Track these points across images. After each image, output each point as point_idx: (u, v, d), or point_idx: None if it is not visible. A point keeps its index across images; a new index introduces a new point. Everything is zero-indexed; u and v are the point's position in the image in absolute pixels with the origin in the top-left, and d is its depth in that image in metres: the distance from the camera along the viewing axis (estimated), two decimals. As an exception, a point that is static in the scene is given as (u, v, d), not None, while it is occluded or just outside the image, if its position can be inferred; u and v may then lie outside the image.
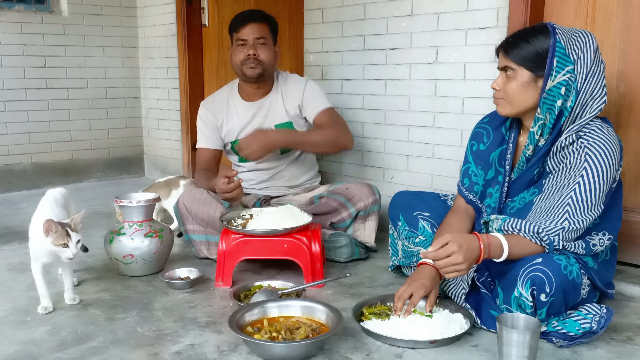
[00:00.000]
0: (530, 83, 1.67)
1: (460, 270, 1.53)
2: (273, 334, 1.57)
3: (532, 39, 1.65)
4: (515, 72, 1.68)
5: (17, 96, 3.82)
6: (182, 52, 3.89)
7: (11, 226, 2.97)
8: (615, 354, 1.57)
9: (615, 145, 1.63)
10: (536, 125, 1.69)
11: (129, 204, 2.17)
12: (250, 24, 2.46)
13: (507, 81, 1.70)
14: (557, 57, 1.62)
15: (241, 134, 2.56)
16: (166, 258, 2.26)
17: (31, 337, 1.67)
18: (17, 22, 3.75)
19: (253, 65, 2.45)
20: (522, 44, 1.66)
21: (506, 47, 1.70)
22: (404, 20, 2.65)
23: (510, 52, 1.68)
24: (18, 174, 3.87)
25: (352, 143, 2.50)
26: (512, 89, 1.69)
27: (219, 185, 2.23)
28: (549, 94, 1.64)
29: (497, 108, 1.77)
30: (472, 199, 1.89)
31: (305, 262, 2.06)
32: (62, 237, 1.77)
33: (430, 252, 1.56)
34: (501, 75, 1.73)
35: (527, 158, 1.75)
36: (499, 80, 1.73)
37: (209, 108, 2.61)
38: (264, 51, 2.46)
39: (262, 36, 2.46)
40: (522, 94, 1.68)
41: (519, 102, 1.70)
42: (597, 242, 1.69)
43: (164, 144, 4.28)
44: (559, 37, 1.63)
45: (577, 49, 1.63)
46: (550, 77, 1.63)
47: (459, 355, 1.56)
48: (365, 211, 2.40)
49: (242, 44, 2.47)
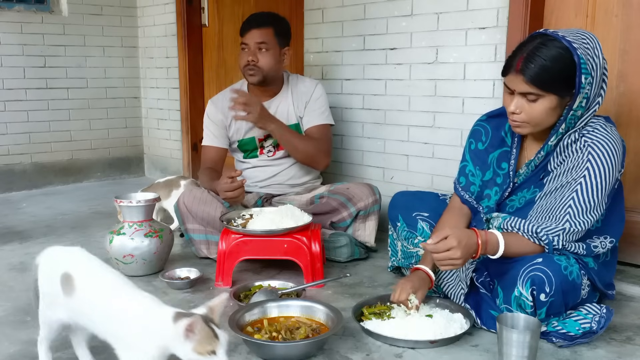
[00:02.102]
0: (557, 106, 1.60)
1: (455, 264, 1.56)
2: (273, 334, 1.57)
3: (553, 63, 1.55)
4: (540, 97, 1.59)
5: (17, 96, 3.82)
6: (182, 52, 3.89)
7: (11, 226, 2.97)
8: (615, 354, 1.57)
9: (618, 145, 1.62)
10: (555, 138, 1.66)
11: (129, 204, 2.17)
12: (253, 29, 2.47)
13: (529, 105, 1.61)
14: (584, 76, 1.56)
15: (248, 134, 2.59)
16: (166, 258, 2.26)
17: (31, 337, 1.67)
18: (17, 22, 3.75)
19: (252, 72, 2.48)
20: (545, 71, 1.55)
21: (528, 73, 1.56)
22: (404, 20, 2.65)
23: (535, 80, 1.56)
24: (18, 174, 3.87)
25: (324, 166, 2.58)
26: (538, 113, 1.61)
27: (221, 185, 2.22)
28: (575, 110, 1.61)
29: (517, 129, 1.69)
30: (468, 199, 1.89)
31: (305, 262, 2.06)
32: (210, 341, 1.18)
33: (430, 244, 1.57)
34: (517, 98, 1.62)
35: (536, 165, 1.74)
36: (519, 104, 1.62)
37: (218, 106, 2.61)
38: (265, 57, 2.47)
39: (263, 41, 2.47)
40: (549, 117, 1.62)
41: (544, 124, 1.64)
42: (598, 244, 1.69)
43: (164, 144, 4.28)
44: (580, 51, 1.55)
45: (591, 59, 1.57)
46: (579, 95, 1.58)
47: (459, 355, 1.56)
48: (366, 211, 2.40)
49: (244, 49, 2.50)
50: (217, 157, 2.60)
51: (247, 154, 2.65)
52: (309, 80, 2.66)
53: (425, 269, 1.78)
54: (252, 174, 2.62)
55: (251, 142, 2.61)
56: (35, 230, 2.89)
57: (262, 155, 2.63)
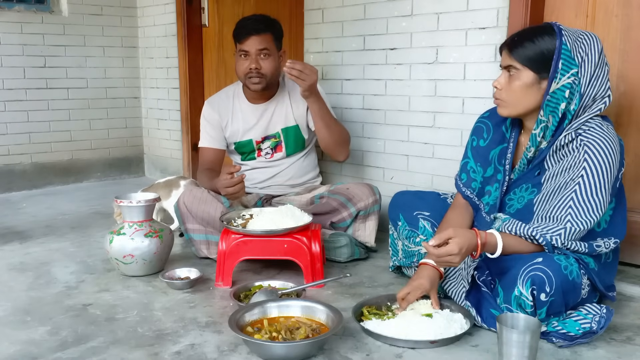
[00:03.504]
0: (533, 84, 1.64)
1: (452, 265, 1.60)
2: (273, 334, 1.57)
3: (537, 39, 1.62)
4: (518, 72, 1.65)
5: (17, 96, 3.81)
6: (182, 52, 3.89)
7: (11, 226, 2.97)
8: (615, 354, 1.57)
9: (614, 143, 1.62)
10: (538, 127, 1.67)
11: (129, 204, 2.17)
12: (253, 36, 2.42)
13: (509, 81, 1.68)
14: (563, 60, 1.59)
15: (245, 136, 2.58)
16: (166, 258, 2.26)
17: (31, 337, 1.67)
18: (17, 22, 3.75)
19: (256, 81, 2.45)
20: (527, 44, 1.63)
21: (511, 45, 1.66)
22: (404, 20, 2.65)
23: (514, 51, 1.64)
24: (18, 174, 3.87)
25: (346, 156, 2.55)
26: (515, 89, 1.66)
27: (221, 181, 2.22)
28: (552, 96, 1.63)
29: (498, 109, 1.74)
30: (469, 195, 1.90)
31: (305, 262, 2.06)
32: None
33: (431, 246, 1.57)
34: (503, 74, 1.70)
35: (529, 160, 1.75)
36: (501, 80, 1.70)
37: (215, 107, 2.60)
38: (267, 63, 2.44)
39: (265, 47, 2.43)
40: (525, 95, 1.66)
41: (520, 103, 1.68)
42: (602, 244, 1.69)
43: (164, 144, 4.28)
44: (565, 39, 1.60)
45: (582, 51, 1.60)
46: (555, 79, 1.61)
47: (459, 355, 1.56)
48: (366, 211, 2.40)
49: (243, 56, 2.45)
50: (214, 158, 2.60)
51: (244, 156, 2.64)
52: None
53: (431, 262, 1.77)
54: (250, 175, 2.62)
55: (248, 145, 2.61)
56: (35, 230, 2.89)
57: (260, 157, 2.63)
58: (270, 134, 2.60)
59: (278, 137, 2.61)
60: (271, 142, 2.58)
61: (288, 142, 2.62)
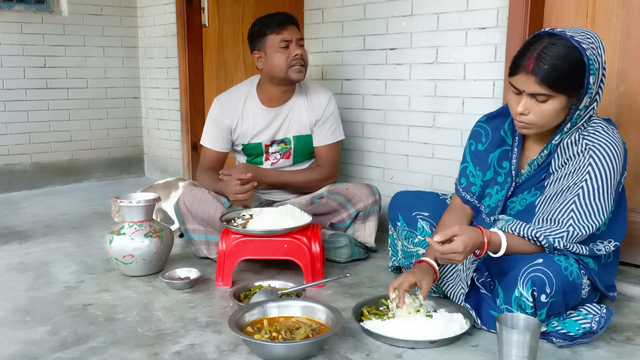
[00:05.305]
0: (565, 106, 1.60)
1: (454, 262, 1.60)
2: (273, 334, 1.57)
3: (565, 64, 1.54)
4: (550, 97, 1.58)
5: (17, 96, 3.82)
6: (182, 52, 3.89)
7: (11, 226, 2.97)
8: (615, 354, 1.57)
9: (619, 148, 1.62)
10: (557, 135, 1.66)
11: (129, 204, 2.17)
12: (291, 25, 2.40)
13: (538, 106, 1.60)
14: (592, 77, 1.56)
15: (255, 139, 2.52)
16: (166, 258, 2.26)
17: (31, 337, 1.67)
18: (17, 22, 3.75)
19: (301, 69, 2.39)
20: (557, 72, 1.54)
21: (540, 74, 1.54)
22: (404, 20, 2.65)
23: (546, 81, 1.54)
24: (18, 174, 3.87)
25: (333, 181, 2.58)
26: (546, 113, 1.60)
27: (231, 187, 2.21)
28: (580, 110, 1.61)
29: (522, 130, 1.68)
30: (470, 199, 1.89)
31: (305, 262, 2.06)
32: None
33: (436, 242, 1.57)
34: (527, 99, 1.60)
35: (539, 164, 1.74)
36: (528, 105, 1.60)
37: (224, 109, 2.51)
38: (305, 53, 2.43)
39: (301, 37, 2.43)
40: (557, 116, 1.61)
41: (551, 123, 1.63)
42: (602, 247, 1.69)
43: (164, 144, 4.28)
44: (589, 53, 1.55)
45: (597, 59, 1.57)
46: (586, 95, 1.58)
47: (459, 355, 1.56)
48: (365, 212, 2.40)
49: (286, 46, 2.37)
50: (217, 159, 2.55)
51: (251, 158, 2.58)
52: (323, 92, 2.56)
53: (429, 261, 1.76)
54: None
55: (257, 148, 2.54)
56: (35, 230, 2.89)
57: (267, 161, 2.56)
58: (279, 138, 2.54)
59: (288, 143, 2.54)
60: (280, 147, 2.53)
61: (298, 150, 2.56)
